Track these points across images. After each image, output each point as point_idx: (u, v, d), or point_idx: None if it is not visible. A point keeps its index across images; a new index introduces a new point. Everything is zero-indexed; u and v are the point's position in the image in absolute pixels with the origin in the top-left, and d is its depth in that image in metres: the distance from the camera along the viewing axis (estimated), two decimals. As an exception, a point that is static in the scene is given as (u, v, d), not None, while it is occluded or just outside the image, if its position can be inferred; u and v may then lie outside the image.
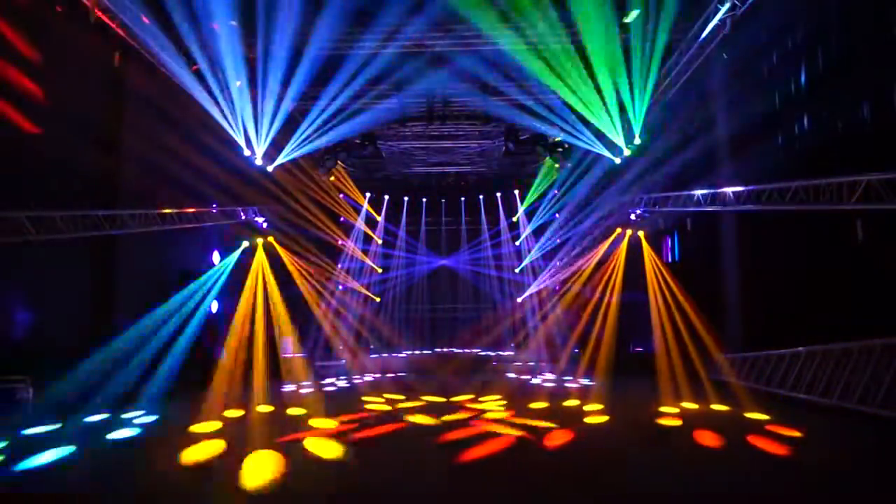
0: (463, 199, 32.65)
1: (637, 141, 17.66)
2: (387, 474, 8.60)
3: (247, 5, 15.03)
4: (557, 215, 26.22)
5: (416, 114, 21.63)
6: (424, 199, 32.60)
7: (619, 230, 22.17)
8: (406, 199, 32.41)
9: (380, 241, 31.39)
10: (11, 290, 14.27)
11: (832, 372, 12.78)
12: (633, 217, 21.13)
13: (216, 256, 21.25)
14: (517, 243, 30.89)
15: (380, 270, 31.46)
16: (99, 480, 8.46)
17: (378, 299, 31.20)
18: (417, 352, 29.80)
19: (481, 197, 32.12)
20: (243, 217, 20.84)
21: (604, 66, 16.32)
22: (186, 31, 15.23)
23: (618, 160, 18.81)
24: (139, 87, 16.52)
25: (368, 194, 30.00)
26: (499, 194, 31.23)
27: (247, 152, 18.08)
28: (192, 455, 9.56)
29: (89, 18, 14.25)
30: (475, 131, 23.43)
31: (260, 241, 21.71)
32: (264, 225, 21.63)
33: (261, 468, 8.65)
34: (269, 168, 19.18)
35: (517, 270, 30.86)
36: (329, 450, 9.86)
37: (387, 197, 31.76)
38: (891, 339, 11.31)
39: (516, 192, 30.12)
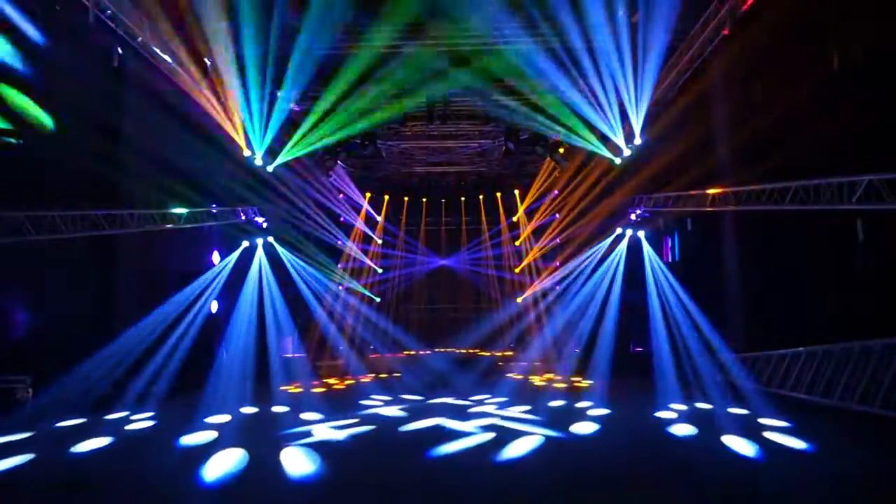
0: (463, 199, 32.64)
1: (637, 141, 17.65)
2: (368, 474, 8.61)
3: (247, 5, 15.02)
4: (557, 215, 26.21)
5: (416, 114, 21.61)
6: (424, 199, 32.59)
7: (619, 230, 22.15)
8: (406, 199, 32.41)
9: (380, 242, 31.39)
10: (11, 290, 14.27)
11: (833, 372, 12.77)
12: (633, 217, 21.11)
13: (216, 256, 21.24)
14: (517, 243, 30.90)
15: (380, 270, 31.46)
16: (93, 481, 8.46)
17: (378, 299, 31.19)
18: (417, 352, 29.78)
19: (481, 197, 32.12)
20: (243, 217, 20.82)
21: (604, 66, 16.32)
22: (186, 31, 15.23)
23: (618, 160, 18.79)
24: (139, 87, 16.51)
25: (368, 194, 29.99)
26: (499, 194, 31.22)
27: (247, 152, 18.07)
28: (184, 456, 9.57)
29: (89, 17, 14.25)
30: (475, 131, 23.42)
31: (260, 241, 21.70)
32: (264, 225, 21.61)
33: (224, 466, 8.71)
34: (269, 168, 19.18)
35: (517, 270, 30.86)
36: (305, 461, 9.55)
37: (387, 197, 31.75)
38: (891, 339, 11.30)
39: (516, 192, 30.11)
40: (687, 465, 8.94)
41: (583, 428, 11.66)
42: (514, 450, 9.81)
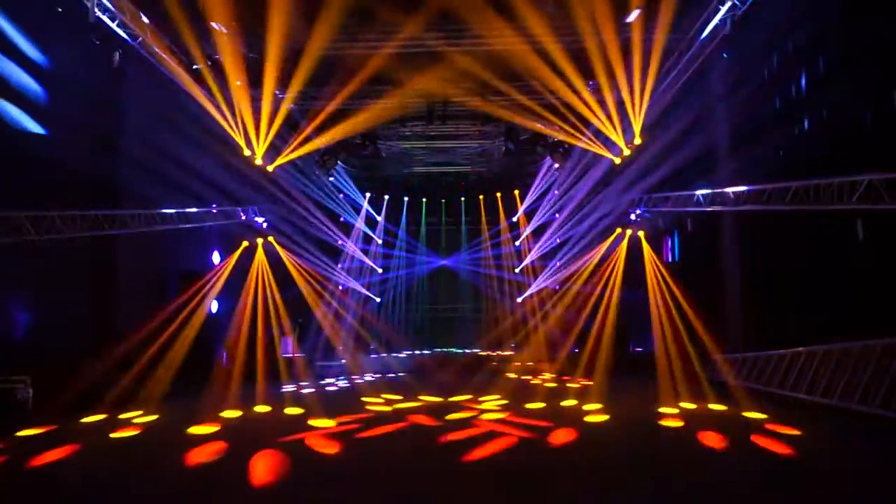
0: (463, 199, 32.64)
1: (637, 141, 17.65)
2: (385, 474, 8.60)
3: (247, 5, 15.03)
4: (557, 215, 26.21)
5: (416, 114, 21.60)
6: (424, 199, 32.60)
7: (619, 230, 22.16)
8: (406, 199, 32.41)
9: (380, 242, 31.39)
10: (11, 290, 14.26)
11: (833, 372, 12.76)
12: (633, 217, 21.12)
13: (216, 256, 21.24)
14: (517, 243, 30.90)
15: (380, 270, 31.45)
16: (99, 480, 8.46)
17: (378, 299, 31.19)
18: (417, 352, 29.78)
19: (481, 197, 32.12)
20: (243, 217, 20.83)
21: (604, 66, 16.34)
22: (186, 31, 15.25)
23: (618, 160, 18.79)
24: (139, 87, 16.53)
25: (368, 194, 30.00)
26: (499, 194, 31.23)
27: (247, 152, 18.08)
28: (194, 455, 9.56)
29: (89, 17, 14.27)
30: (475, 131, 23.43)
31: (260, 241, 21.70)
32: (264, 225, 21.62)
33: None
34: (270, 168, 19.20)
35: (517, 270, 30.86)
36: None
37: (387, 197, 31.76)
38: (891, 340, 11.29)
39: (516, 192, 30.11)
40: (683, 465, 8.94)
41: (579, 427, 11.65)
42: (502, 447, 9.83)
